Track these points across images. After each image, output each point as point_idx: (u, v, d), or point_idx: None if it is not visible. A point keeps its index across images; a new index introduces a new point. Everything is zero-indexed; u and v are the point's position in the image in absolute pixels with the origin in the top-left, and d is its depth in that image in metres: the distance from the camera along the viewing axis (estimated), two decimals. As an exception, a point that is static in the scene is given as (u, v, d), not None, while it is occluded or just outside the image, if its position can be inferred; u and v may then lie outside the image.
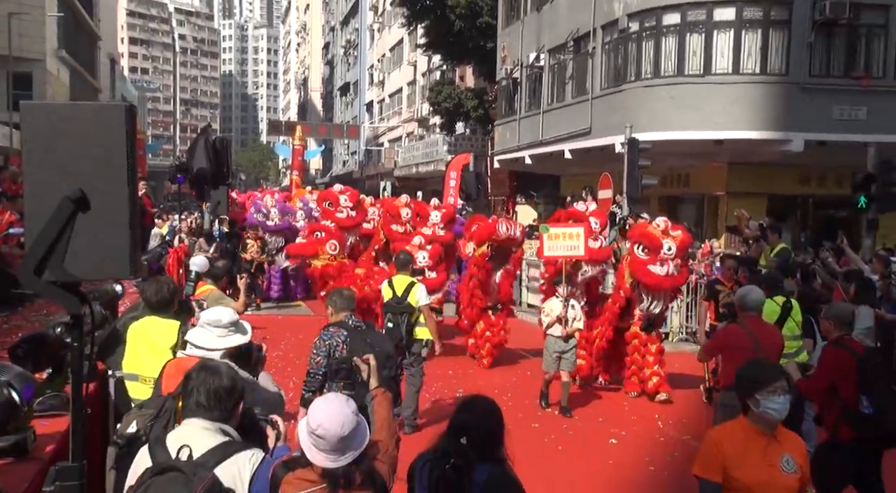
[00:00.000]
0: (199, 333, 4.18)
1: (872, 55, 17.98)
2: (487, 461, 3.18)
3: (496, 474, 3.16)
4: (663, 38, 18.37)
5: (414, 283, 8.17)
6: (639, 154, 15.58)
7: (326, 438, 2.78)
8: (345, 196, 13.77)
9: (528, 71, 24.50)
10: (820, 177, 19.52)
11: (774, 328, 6.17)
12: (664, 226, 9.48)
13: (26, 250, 2.89)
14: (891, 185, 13.84)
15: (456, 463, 3.11)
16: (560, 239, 9.60)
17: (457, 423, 3.26)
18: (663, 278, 9.22)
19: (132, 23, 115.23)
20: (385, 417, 3.51)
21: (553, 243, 9.63)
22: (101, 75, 39.59)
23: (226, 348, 4.11)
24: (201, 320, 4.25)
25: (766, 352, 5.56)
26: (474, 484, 3.09)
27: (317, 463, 2.81)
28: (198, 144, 14.87)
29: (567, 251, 9.56)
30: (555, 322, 9.04)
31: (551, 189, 28.54)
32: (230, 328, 4.16)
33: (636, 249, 9.41)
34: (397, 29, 42.76)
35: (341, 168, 62.95)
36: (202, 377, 3.01)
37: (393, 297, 8.08)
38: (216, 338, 4.12)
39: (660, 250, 9.16)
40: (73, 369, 3.07)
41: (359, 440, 2.86)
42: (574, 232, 9.63)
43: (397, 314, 8.01)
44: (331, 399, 2.99)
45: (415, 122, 43.42)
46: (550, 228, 9.79)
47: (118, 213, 2.91)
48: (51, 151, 2.87)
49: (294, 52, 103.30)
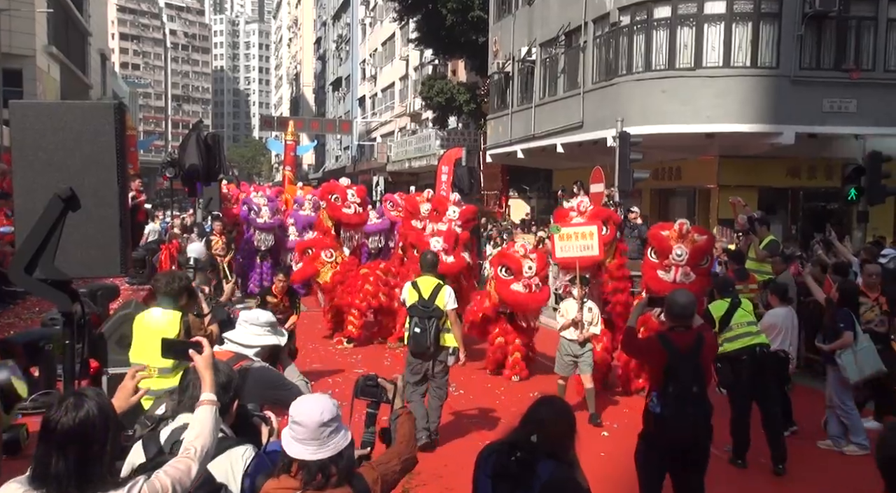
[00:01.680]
0: (238, 330, 4.26)
1: (862, 48, 18.03)
2: (554, 460, 3.20)
3: (560, 473, 3.19)
4: (654, 31, 18.40)
5: (441, 284, 7.48)
6: (630, 148, 15.63)
7: (304, 424, 2.76)
8: (353, 191, 13.13)
9: (520, 65, 24.50)
10: (810, 169, 19.60)
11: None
12: (679, 229, 8.78)
13: (16, 247, 2.91)
14: (880, 177, 13.89)
15: (521, 457, 3.15)
16: (573, 239, 9.03)
17: (530, 419, 3.30)
18: (669, 286, 8.32)
19: (123, 18, 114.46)
20: (407, 434, 3.43)
21: (565, 244, 9.07)
22: (91, 71, 39.40)
23: (261, 345, 4.20)
24: (240, 318, 4.34)
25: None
26: (536, 479, 3.11)
27: (294, 455, 2.78)
28: (189, 140, 14.85)
29: (581, 252, 8.94)
30: (570, 325, 8.57)
31: (544, 183, 28.59)
32: (267, 328, 4.25)
33: (649, 252, 8.86)
34: (389, 23, 42.67)
35: (334, 163, 62.83)
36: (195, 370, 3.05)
37: (419, 300, 7.36)
38: (253, 335, 4.21)
39: (668, 255, 8.61)
40: (66, 366, 3.09)
41: (340, 432, 2.83)
42: (587, 231, 9.01)
43: (424, 319, 7.28)
44: (312, 395, 3.03)
45: (407, 116, 43.36)
46: (561, 229, 9.18)
47: (109, 211, 2.93)
48: (40, 149, 2.89)
49: (286, 47, 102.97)
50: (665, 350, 5.12)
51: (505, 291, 10.03)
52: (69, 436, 2.35)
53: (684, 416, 5.02)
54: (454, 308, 7.42)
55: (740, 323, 7.26)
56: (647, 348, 5.51)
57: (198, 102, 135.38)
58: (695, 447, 5.14)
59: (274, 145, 45.76)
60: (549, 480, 3.11)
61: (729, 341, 7.20)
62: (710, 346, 5.35)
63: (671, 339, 5.20)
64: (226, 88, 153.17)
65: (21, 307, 9.18)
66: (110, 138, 2.94)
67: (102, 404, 2.49)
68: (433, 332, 7.22)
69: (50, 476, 2.32)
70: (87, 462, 2.36)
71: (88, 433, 2.38)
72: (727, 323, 7.27)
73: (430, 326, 7.22)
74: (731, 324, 7.24)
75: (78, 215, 2.89)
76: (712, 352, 5.57)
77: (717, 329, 7.21)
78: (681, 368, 5.05)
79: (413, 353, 7.44)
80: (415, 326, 7.31)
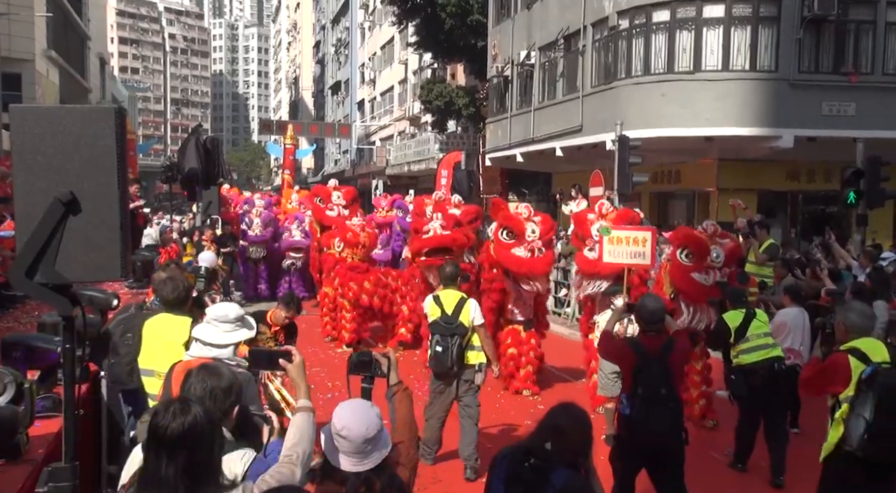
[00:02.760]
0: (206, 329, 4.14)
1: (861, 51, 18.04)
2: (569, 468, 3.17)
3: (574, 483, 3.15)
4: (653, 35, 18.42)
5: (465, 298, 6.97)
6: (629, 151, 15.62)
7: (350, 439, 2.80)
8: (338, 193, 13.25)
9: (519, 69, 24.52)
10: (809, 173, 19.61)
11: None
12: (712, 230, 8.54)
13: (17, 252, 2.90)
14: (880, 180, 13.91)
15: (535, 464, 3.12)
16: (623, 244, 8.17)
17: (546, 425, 3.29)
18: (708, 290, 8.15)
19: (122, 22, 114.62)
20: (405, 415, 3.47)
21: (615, 249, 8.20)
22: (90, 75, 39.38)
23: (234, 343, 4.10)
24: (208, 315, 4.23)
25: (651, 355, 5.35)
26: (550, 487, 3.07)
27: (339, 466, 2.83)
28: (189, 144, 14.82)
29: (631, 259, 8.14)
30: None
31: (543, 187, 28.59)
32: (237, 323, 4.14)
33: (679, 253, 8.34)
34: (388, 27, 42.71)
35: (333, 167, 62.84)
36: (201, 376, 3.06)
37: (442, 315, 6.81)
38: (223, 333, 4.09)
39: (706, 257, 8.19)
40: (66, 371, 3.09)
41: (382, 444, 2.88)
42: (641, 236, 8.18)
43: (446, 336, 6.71)
44: (355, 402, 3.02)
45: (406, 120, 43.37)
46: (612, 231, 8.30)
47: (109, 215, 2.93)
48: (40, 153, 2.88)
49: (285, 51, 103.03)
50: (634, 354, 5.31)
51: (505, 255, 9.44)
52: (178, 441, 2.39)
53: (652, 418, 5.12)
54: (482, 324, 6.93)
55: (756, 335, 7.16)
56: (617, 352, 5.67)
57: (197, 105, 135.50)
58: (664, 450, 5.21)
59: (273, 149, 45.82)
60: (562, 488, 3.07)
61: (745, 353, 7.12)
62: (679, 351, 5.53)
63: (641, 342, 5.43)
64: (225, 92, 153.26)
65: (21, 311, 9.17)
66: (110, 142, 2.94)
67: (207, 409, 2.55)
68: (455, 350, 6.68)
69: (160, 481, 2.35)
70: (195, 466, 2.40)
71: (197, 438, 2.43)
72: (743, 334, 7.17)
73: (452, 344, 6.68)
74: (748, 335, 7.14)
75: (78, 219, 2.89)
76: (683, 357, 5.73)
77: (731, 340, 7.23)
78: (650, 371, 5.19)
79: (435, 374, 7.00)
80: (436, 344, 6.77)
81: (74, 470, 3.01)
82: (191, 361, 4.13)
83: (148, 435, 2.43)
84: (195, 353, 4.08)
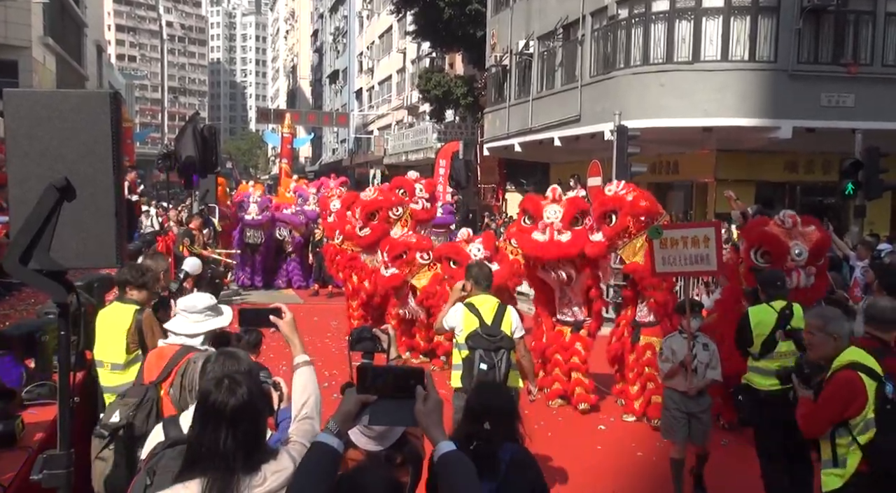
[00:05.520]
0: (176, 320, 4.28)
1: (860, 42, 18.03)
2: (509, 440, 3.31)
3: (520, 452, 3.31)
4: (652, 24, 18.37)
5: (504, 305, 5.74)
6: (628, 141, 15.61)
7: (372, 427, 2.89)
8: (420, 185, 12.45)
9: (518, 58, 24.46)
10: (808, 164, 19.63)
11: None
12: (791, 222, 7.29)
13: (11, 238, 2.88)
14: (878, 172, 13.91)
15: (480, 445, 3.20)
16: (680, 246, 6.63)
17: (476, 407, 3.36)
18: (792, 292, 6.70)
19: (119, 10, 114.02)
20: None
21: (669, 254, 6.72)
22: (87, 63, 39.20)
23: (203, 332, 4.21)
24: (178, 307, 4.36)
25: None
26: (500, 462, 3.19)
27: (362, 447, 2.94)
28: (186, 133, 14.84)
29: (692, 265, 6.59)
30: (678, 370, 6.20)
31: (541, 177, 28.56)
32: (207, 313, 4.24)
33: (753, 254, 7.30)
34: (386, 16, 42.54)
35: (331, 156, 62.75)
36: (220, 361, 3.11)
37: (481, 326, 5.54)
38: (193, 324, 4.21)
39: (786, 257, 7.11)
40: (61, 358, 3.07)
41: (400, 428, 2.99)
42: (701, 235, 6.51)
43: (491, 352, 5.50)
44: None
45: (404, 109, 43.29)
46: (665, 232, 6.80)
47: (104, 201, 2.90)
48: (35, 139, 2.86)
49: (282, 39, 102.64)
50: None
51: (524, 241, 8.49)
52: (238, 414, 2.47)
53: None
54: (522, 336, 5.75)
55: (783, 353, 5.61)
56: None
57: (194, 94, 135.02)
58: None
59: (270, 138, 45.71)
60: (513, 458, 3.22)
61: (760, 374, 5.68)
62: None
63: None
64: (222, 81, 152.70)
65: (16, 299, 9.14)
66: (106, 127, 2.91)
67: (254, 382, 2.68)
68: (504, 368, 5.53)
69: (218, 455, 2.43)
70: (248, 436, 2.50)
71: (253, 410, 2.53)
72: (771, 349, 5.65)
73: (500, 361, 5.51)
74: (776, 352, 5.64)
75: (73, 205, 2.87)
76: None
77: (754, 349, 5.75)
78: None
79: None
80: (480, 361, 5.50)
81: (69, 457, 3.00)
82: (164, 347, 4.31)
83: (203, 412, 2.50)
84: (169, 341, 4.28)
